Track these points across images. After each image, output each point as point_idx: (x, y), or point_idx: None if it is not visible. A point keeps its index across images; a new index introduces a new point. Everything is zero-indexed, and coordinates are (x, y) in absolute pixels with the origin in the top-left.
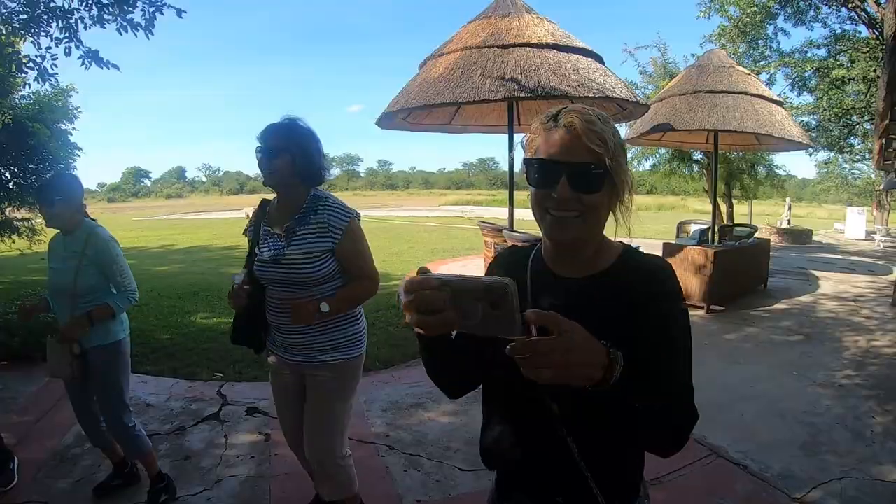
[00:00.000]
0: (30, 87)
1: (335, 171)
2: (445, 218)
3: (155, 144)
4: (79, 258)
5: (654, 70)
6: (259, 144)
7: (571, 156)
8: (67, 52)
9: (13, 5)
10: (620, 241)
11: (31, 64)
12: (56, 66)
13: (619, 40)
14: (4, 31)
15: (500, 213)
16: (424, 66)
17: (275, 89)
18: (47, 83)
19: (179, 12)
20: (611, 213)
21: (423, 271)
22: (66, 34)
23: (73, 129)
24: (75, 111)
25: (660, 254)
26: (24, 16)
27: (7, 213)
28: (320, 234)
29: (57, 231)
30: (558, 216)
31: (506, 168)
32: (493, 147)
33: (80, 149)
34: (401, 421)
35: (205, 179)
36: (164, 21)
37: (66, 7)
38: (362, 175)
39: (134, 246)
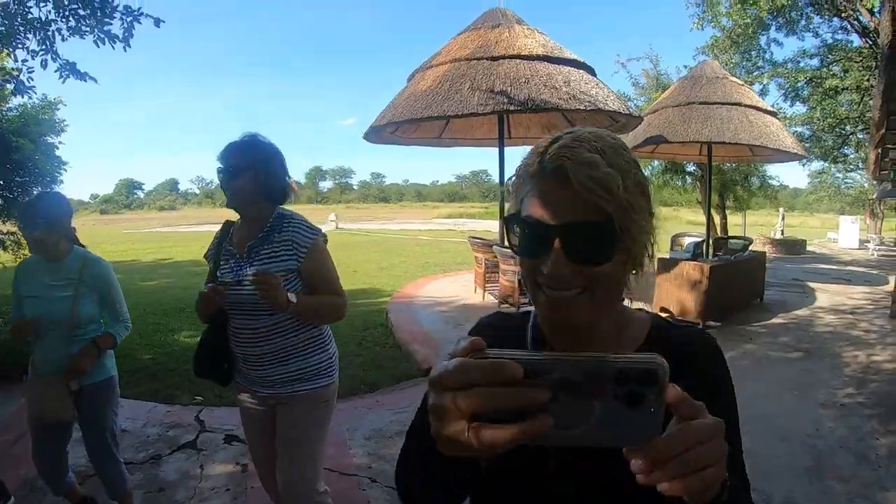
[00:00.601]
0: (6, 101)
1: (328, 183)
2: (438, 231)
3: (148, 155)
4: (75, 285)
5: (647, 82)
6: (220, 164)
7: (565, 214)
8: (44, 65)
9: None
10: (643, 310)
11: (7, 77)
12: (33, 79)
13: (612, 53)
14: None
15: (492, 227)
16: (413, 78)
17: (269, 101)
18: (32, 96)
19: (157, 21)
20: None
21: (476, 346)
22: (44, 46)
23: (60, 142)
24: (62, 124)
25: (654, 268)
26: (2, 28)
27: None
28: (285, 253)
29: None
30: (554, 297)
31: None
32: (485, 160)
33: (66, 163)
34: (384, 451)
35: (198, 192)
36: (159, 30)
37: (44, 19)
38: (355, 188)
39: (124, 260)
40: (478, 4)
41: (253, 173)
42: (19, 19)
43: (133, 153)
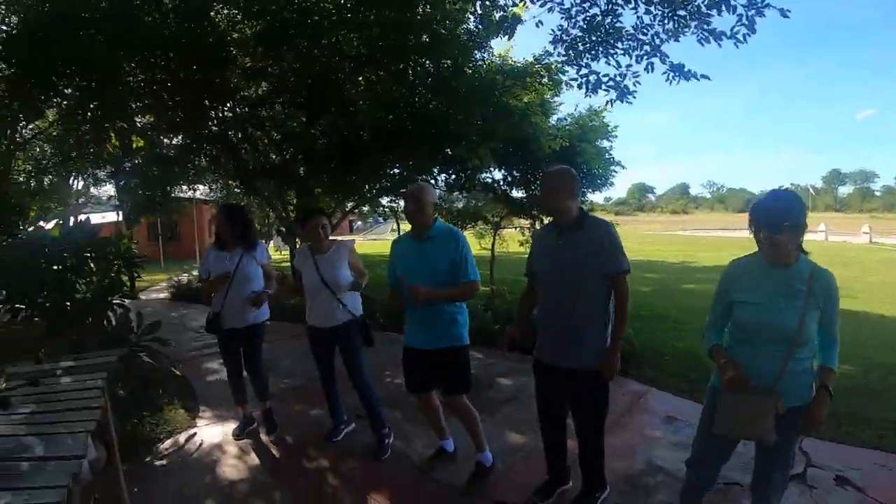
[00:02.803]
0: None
1: (847, 189)
2: None
3: (659, 161)
4: (805, 297)
5: None
6: None
7: None
8: (650, 69)
9: (575, 32)
10: None
11: (610, 83)
12: (639, 84)
13: None
14: (570, 56)
15: None
16: None
17: (774, 98)
18: (623, 102)
19: (783, 11)
20: None
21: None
22: (644, 51)
23: (612, 146)
24: (614, 129)
25: None
26: (595, 38)
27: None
28: None
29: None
30: None
31: None
32: None
33: (623, 166)
34: None
35: (709, 196)
36: None
37: (638, 25)
38: (877, 194)
39: (654, 259)
40: None
41: None
42: (606, 28)
43: (646, 159)
